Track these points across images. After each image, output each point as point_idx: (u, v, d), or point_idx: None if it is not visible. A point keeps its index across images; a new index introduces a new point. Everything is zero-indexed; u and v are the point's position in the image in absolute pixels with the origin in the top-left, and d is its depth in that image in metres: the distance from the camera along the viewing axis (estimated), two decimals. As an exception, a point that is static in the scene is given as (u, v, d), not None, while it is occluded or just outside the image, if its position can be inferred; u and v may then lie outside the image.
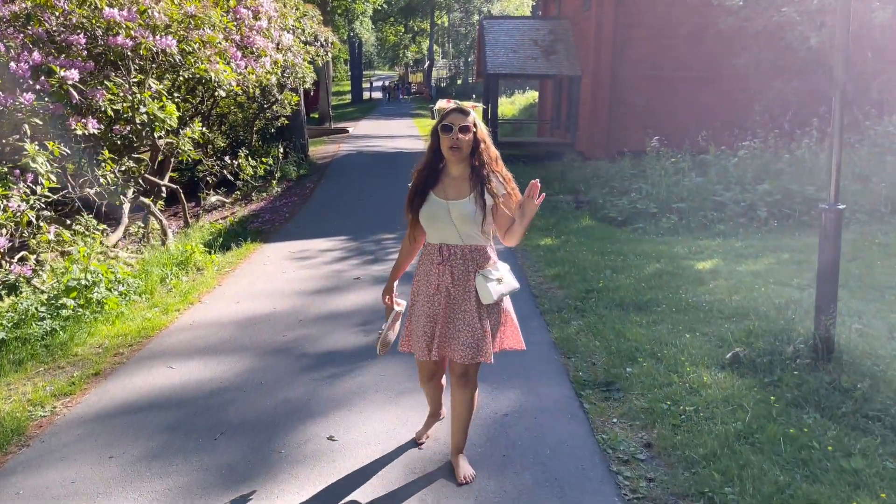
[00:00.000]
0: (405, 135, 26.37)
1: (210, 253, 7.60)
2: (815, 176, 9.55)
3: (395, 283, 3.26)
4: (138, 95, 6.69)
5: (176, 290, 6.39)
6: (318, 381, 4.28)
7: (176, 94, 8.24)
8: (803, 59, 12.42)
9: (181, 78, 8.02)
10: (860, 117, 10.68)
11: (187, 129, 7.96)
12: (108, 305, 5.63)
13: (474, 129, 2.94)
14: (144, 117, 6.82)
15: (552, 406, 3.98)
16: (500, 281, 3.00)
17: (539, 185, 2.79)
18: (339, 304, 5.90)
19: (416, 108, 43.34)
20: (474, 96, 32.81)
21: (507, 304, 3.16)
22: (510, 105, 35.17)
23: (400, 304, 3.26)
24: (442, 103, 3.05)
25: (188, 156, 8.13)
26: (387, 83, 56.68)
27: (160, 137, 7.74)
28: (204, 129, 8.38)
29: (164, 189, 9.47)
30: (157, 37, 6.37)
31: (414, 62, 65.85)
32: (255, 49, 9.51)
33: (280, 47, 11.20)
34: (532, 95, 33.73)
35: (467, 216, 2.92)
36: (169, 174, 9.65)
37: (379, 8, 42.30)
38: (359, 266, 7.23)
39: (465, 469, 3.20)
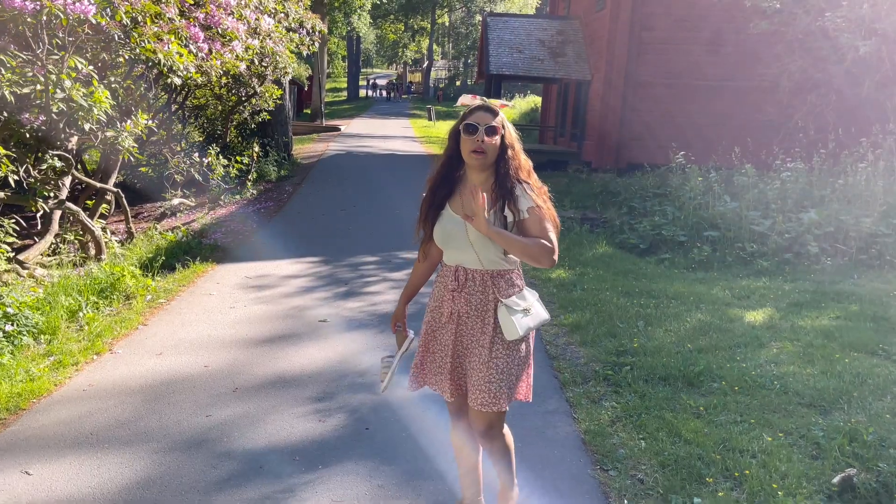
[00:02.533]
0: (400, 136, 24.98)
1: (147, 275, 6.17)
2: (870, 205, 8.19)
3: (406, 308, 2.79)
4: (53, 76, 5.24)
5: (88, 328, 4.94)
6: (237, 513, 2.86)
7: (113, 80, 6.81)
8: (846, 71, 11.07)
9: (122, 59, 6.57)
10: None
11: (128, 122, 6.51)
12: (-19, 355, 4.20)
13: (502, 132, 2.48)
14: (62, 105, 5.38)
15: (592, 575, 2.58)
16: (527, 312, 2.49)
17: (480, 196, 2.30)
18: (294, 363, 4.46)
19: (413, 108, 41.97)
20: (473, 96, 31.38)
21: (532, 341, 2.63)
22: (510, 109, 33.78)
23: (410, 333, 2.78)
24: (466, 99, 2.57)
25: (130, 154, 6.68)
26: (383, 82, 55.35)
27: (91, 131, 6.30)
28: (150, 122, 6.92)
29: (109, 192, 8.03)
30: (70, 1, 4.93)
31: (413, 62, 64.55)
32: (221, 30, 8.08)
33: (257, 31, 9.78)
34: (534, 100, 32.38)
35: (486, 237, 2.41)
36: (115, 175, 8.21)
37: (378, 3, 40.91)
38: (327, 301, 5.80)
39: None
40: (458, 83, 54.01)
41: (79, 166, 9.27)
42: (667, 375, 4.38)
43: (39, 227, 7.54)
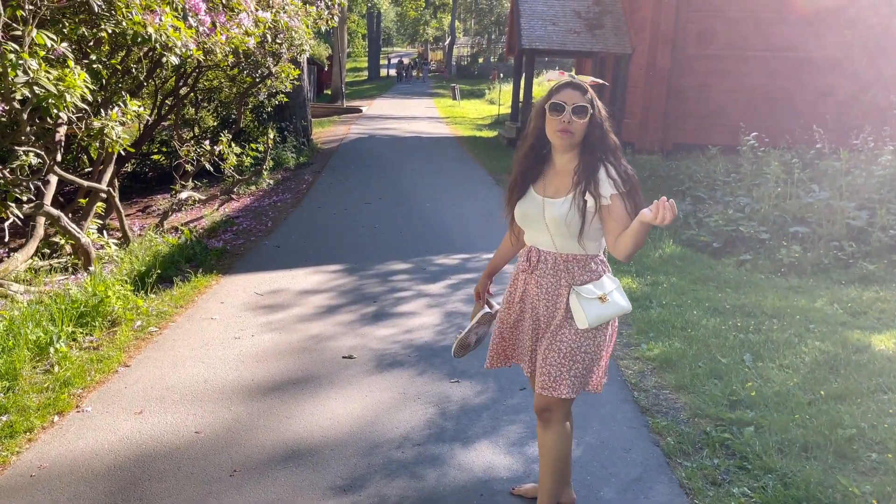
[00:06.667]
0: (424, 116, 23.84)
1: (138, 293, 5.17)
2: None
3: (489, 281, 2.78)
4: (11, 56, 4.22)
5: (59, 370, 3.95)
6: None
7: (94, 59, 5.80)
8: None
9: (105, 34, 5.53)
10: None
11: (114, 109, 5.49)
12: None
13: (591, 111, 2.32)
14: (26, 91, 4.36)
15: None
16: (602, 300, 2.34)
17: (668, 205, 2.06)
18: (310, 424, 3.42)
19: (436, 87, 40.70)
20: (501, 75, 30.09)
21: (612, 331, 2.47)
22: (537, 86, 32.37)
23: (493, 306, 2.75)
24: (553, 75, 2.41)
25: (120, 146, 5.67)
26: (405, 60, 53.97)
27: (71, 122, 5.31)
28: (141, 108, 5.89)
29: (105, 192, 7.04)
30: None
31: (434, 39, 63.03)
32: (226, 1, 7.01)
33: (270, 3, 8.71)
34: (563, 76, 30.89)
35: (559, 220, 2.35)
36: (111, 169, 7.21)
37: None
38: (352, 327, 4.75)
39: None
40: (480, 60, 52.47)
41: (85, 159, 8.34)
42: (807, 443, 3.27)
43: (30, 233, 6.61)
